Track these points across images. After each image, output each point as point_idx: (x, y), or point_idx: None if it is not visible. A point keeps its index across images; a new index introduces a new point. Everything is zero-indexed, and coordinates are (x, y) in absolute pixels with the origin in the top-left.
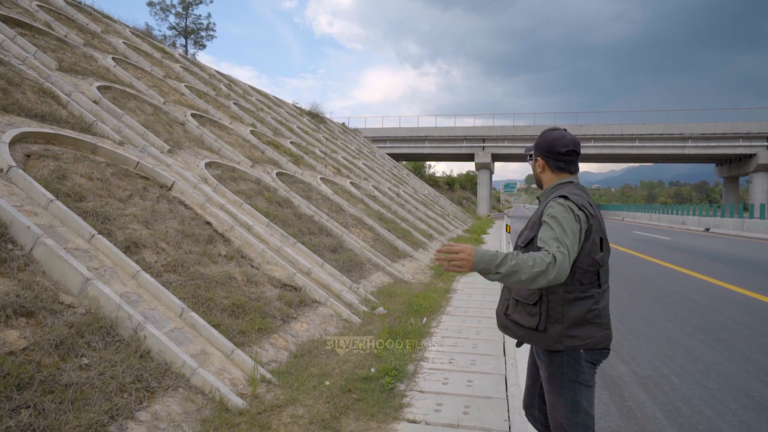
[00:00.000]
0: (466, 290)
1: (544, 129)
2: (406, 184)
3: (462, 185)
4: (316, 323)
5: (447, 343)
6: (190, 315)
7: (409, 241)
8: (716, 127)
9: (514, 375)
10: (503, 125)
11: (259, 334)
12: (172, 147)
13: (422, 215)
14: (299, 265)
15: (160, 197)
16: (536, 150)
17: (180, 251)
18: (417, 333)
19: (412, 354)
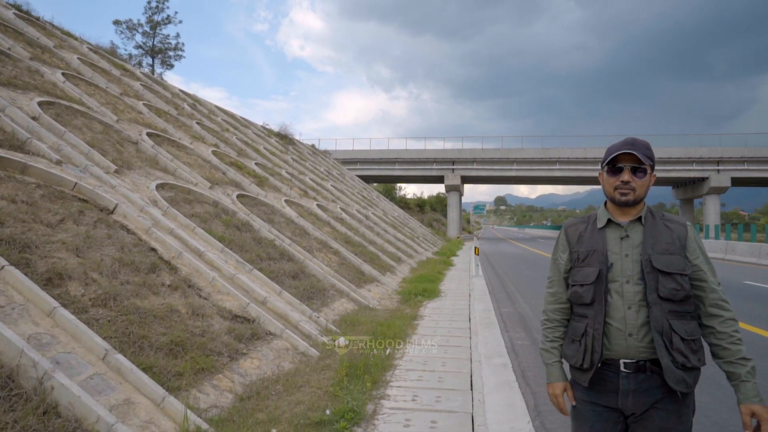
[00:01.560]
0: (433, 316)
1: (511, 150)
2: (375, 206)
3: (432, 207)
4: (269, 359)
5: (411, 377)
6: (115, 357)
7: (376, 265)
8: (672, 151)
9: (482, 413)
10: (472, 148)
11: (200, 375)
12: (120, 167)
13: (391, 238)
14: (254, 293)
15: (99, 222)
16: (654, 162)
17: (114, 282)
18: (379, 366)
19: (372, 391)
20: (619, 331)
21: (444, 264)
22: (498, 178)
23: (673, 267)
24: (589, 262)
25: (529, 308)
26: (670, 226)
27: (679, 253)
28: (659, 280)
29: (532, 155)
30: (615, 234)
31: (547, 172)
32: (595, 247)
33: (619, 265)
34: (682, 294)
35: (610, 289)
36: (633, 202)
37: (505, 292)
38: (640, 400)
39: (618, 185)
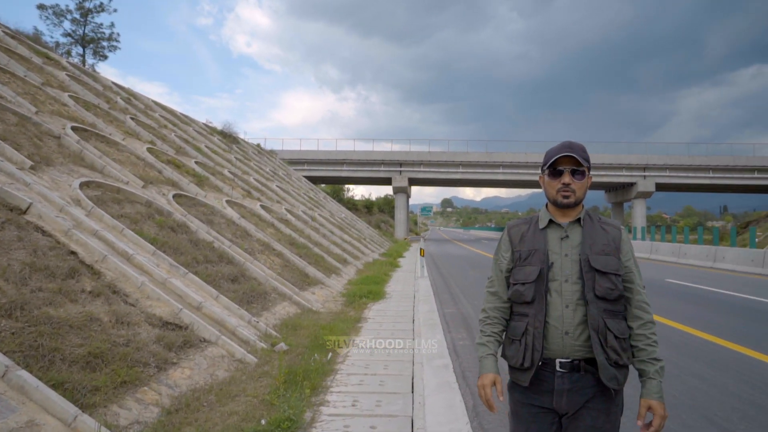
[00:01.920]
0: (377, 319)
1: (457, 153)
2: (322, 207)
3: (380, 208)
4: (203, 367)
5: (352, 381)
6: (17, 374)
7: (321, 267)
8: (604, 158)
9: (422, 416)
10: (420, 150)
11: (122, 389)
12: (38, 163)
13: (338, 239)
14: (188, 298)
15: (7, 222)
16: (590, 164)
17: (24, 290)
18: (320, 371)
19: (311, 398)
20: (556, 329)
21: (390, 265)
22: (444, 181)
23: (609, 267)
24: (531, 261)
25: (472, 309)
26: (605, 228)
27: (614, 255)
28: (596, 279)
29: (476, 159)
30: (555, 234)
31: (491, 176)
32: (537, 246)
33: (559, 265)
34: (616, 293)
35: (549, 288)
36: (574, 203)
37: (449, 292)
38: (573, 400)
39: (560, 188)
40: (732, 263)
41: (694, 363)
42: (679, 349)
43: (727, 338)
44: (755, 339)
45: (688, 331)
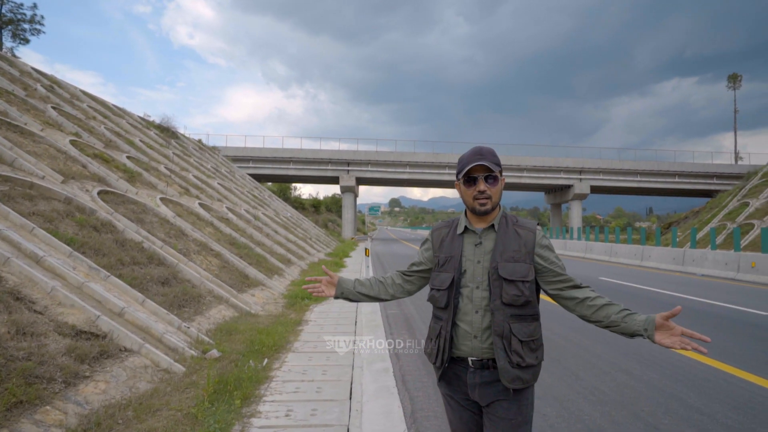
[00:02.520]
0: (319, 321)
1: (404, 153)
2: (267, 206)
3: (328, 208)
4: (121, 380)
5: (287, 389)
6: None
7: (262, 268)
8: (544, 161)
9: (358, 424)
10: (367, 150)
11: (16, 410)
12: None
13: (282, 239)
14: (109, 304)
15: None
16: (500, 165)
17: None
18: (254, 379)
19: (242, 408)
20: (467, 333)
21: (336, 265)
22: (392, 180)
23: (516, 275)
24: (446, 268)
25: (415, 309)
26: (519, 232)
27: (524, 261)
28: (503, 287)
29: (424, 159)
30: (470, 240)
31: (437, 176)
32: (453, 253)
33: (471, 272)
34: (522, 300)
35: (462, 294)
36: (492, 209)
37: None
38: (485, 393)
39: (476, 195)
40: (657, 261)
41: (623, 359)
42: (610, 346)
43: None
44: None
45: None
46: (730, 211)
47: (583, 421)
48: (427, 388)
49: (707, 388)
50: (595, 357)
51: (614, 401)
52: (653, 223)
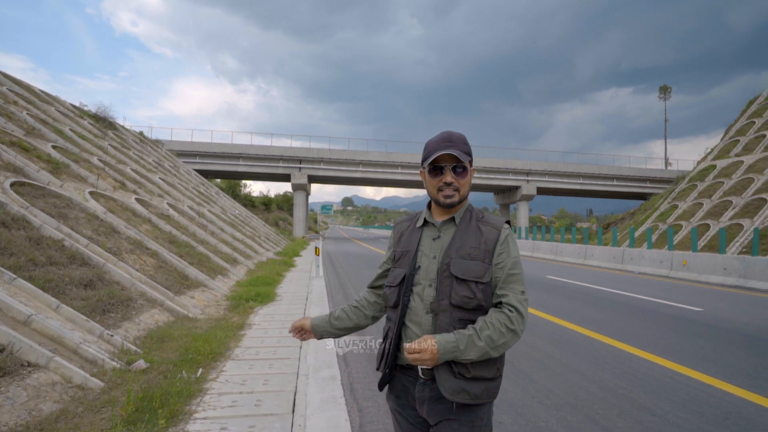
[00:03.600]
0: (263, 325)
1: (357, 152)
2: (213, 203)
3: (279, 206)
4: (19, 401)
5: (223, 402)
6: None
7: (205, 268)
8: (494, 162)
9: None
10: (320, 148)
11: None
12: None
13: (228, 237)
14: (11, 311)
15: None
16: (471, 157)
17: None
18: (184, 393)
19: (168, 429)
20: (416, 336)
21: (285, 265)
22: (345, 179)
23: (469, 274)
24: (401, 263)
25: None
26: (482, 228)
27: (482, 259)
28: (453, 286)
29: (377, 158)
30: (429, 234)
31: (390, 175)
32: (409, 248)
33: (425, 268)
34: (474, 303)
35: (413, 292)
36: (458, 202)
37: (344, 293)
38: (435, 409)
39: (441, 186)
40: (599, 260)
41: (575, 359)
42: (562, 345)
43: (603, 333)
44: (623, 331)
45: (569, 327)
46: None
47: (540, 429)
48: (377, 398)
49: (655, 386)
50: (548, 357)
51: (569, 405)
52: (593, 223)
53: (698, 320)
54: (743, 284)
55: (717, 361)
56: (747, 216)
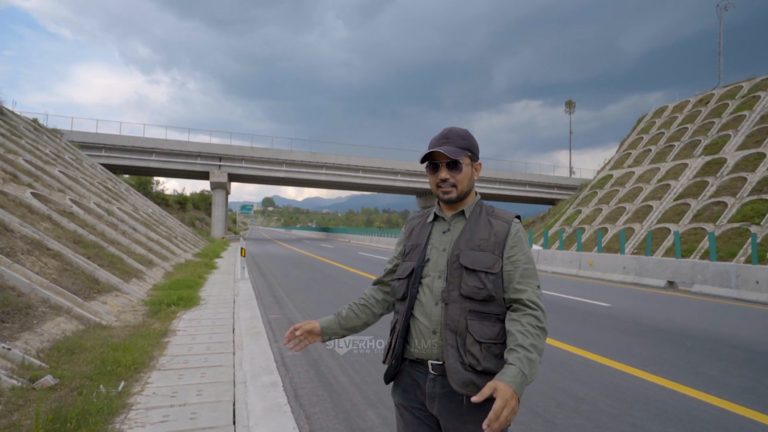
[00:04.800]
0: (189, 330)
1: (281, 151)
2: (124, 200)
3: (195, 205)
4: None
5: (152, 418)
6: None
7: (118, 270)
8: (417, 165)
9: None
10: (242, 145)
11: None
12: None
13: (142, 237)
14: None
15: None
16: (473, 151)
17: None
18: (105, 410)
19: None
20: (426, 328)
21: (206, 267)
22: (267, 179)
23: (479, 264)
24: (411, 256)
25: (299, 313)
26: (492, 221)
27: (492, 251)
28: (463, 277)
29: (301, 158)
30: (439, 228)
31: (314, 176)
32: (419, 241)
33: (435, 260)
34: (484, 294)
35: (422, 284)
36: (457, 198)
37: (273, 296)
38: (446, 407)
39: (438, 183)
40: None
41: None
42: None
43: None
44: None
45: None
46: (568, 216)
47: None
48: (324, 403)
49: (585, 377)
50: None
51: None
52: None
53: (608, 314)
54: (639, 281)
55: (628, 351)
56: (637, 221)
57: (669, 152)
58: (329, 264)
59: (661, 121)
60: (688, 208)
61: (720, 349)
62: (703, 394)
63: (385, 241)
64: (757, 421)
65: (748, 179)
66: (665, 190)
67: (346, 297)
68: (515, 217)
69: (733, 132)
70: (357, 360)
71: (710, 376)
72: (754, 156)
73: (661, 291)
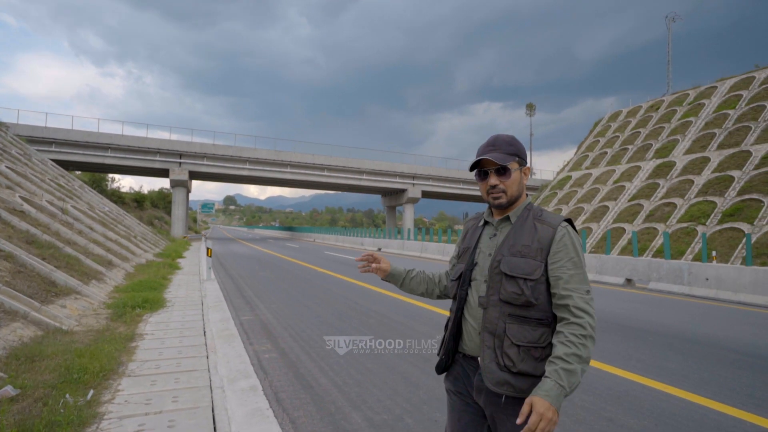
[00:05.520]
0: (158, 334)
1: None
2: (78, 198)
3: (154, 203)
4: None
5: (127, 428)
6: None
7: (76, 272)
8: (382, 165)
9: None
10: (203, 142)
11: None
12: None
13: (99, 237)
14: None
15: None
16: (520, 155)
17: None
18: (75, 421)
19: None
20: (473, 328)
21: (169, 267)
22: (230, 177)
23: (517, 270)
24: (462, 259)
25: (271, 314)
26: (538, 226)
27: (534, 257)
28: (502, 282)
29: (265, 156)
30: (488, 232)
31: (279, 174)
32: (470, 245)
33: (482, 264)
34: (522, 299)
35: (471, 287)
36: (507, 203)
37: (243, 297)
38: (491, 400)
39: (489, 189)
40: None
41: None
42: None
43: None
44: None
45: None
46: None
47: None
48: (307, 406)
49: None
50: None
51: None
52: None
53: None
54: (599, 279)
55: (596, 348)
56: (595, 221)
57: (623, 155)
58: (296, 264)
59: (616, 125)
60: (641, 208)
61: (679, 344)
62: (669, 387)
63: (351, 241)
64: (718, 411)
65: (694, 182)
66: (620, 191)
67: (317, 298)
68: (564, 221)
69: (681, 137)
70: (336, 362)
71: (673, 370)
72: (700, 160)
73: (621, 288)
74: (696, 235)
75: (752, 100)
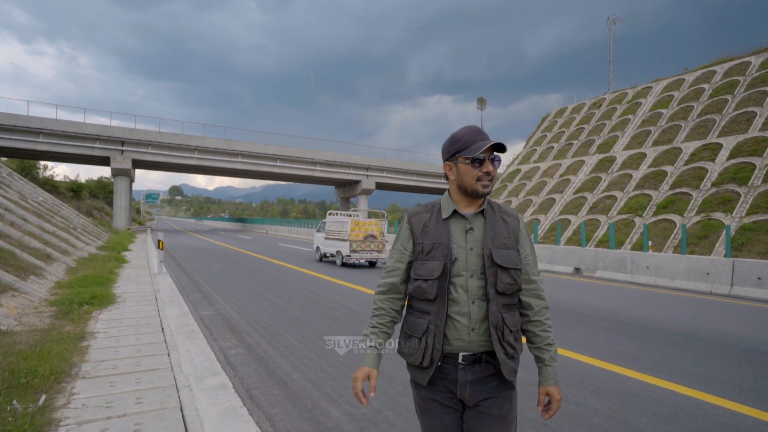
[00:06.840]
0: (110, 332)
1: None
2: (7, 186)
3: (93, 193)
4: None
5: None
6: None
7: (11, 267)
8: (336, 156)
9: None
10: (148, 130)
11: None
12: None
13: (35, 229)
14: None
15: None
16: None
17: None
18: (28, 430)
19: None
20: (464, 327)
21: (115, 260)
22: (177, 166)
23: (509, 262)
24: (434, 255)
25: (232, 308)
26: (506, 219)
27: (514, 248)
28: (498, 275)
29: (215, 145)
30: (459, 226)
31: (229, 164)
32: (440, 239)
33: (464, 259)
34: (514, 288)
35: (455, 284)
36: (490, 192)
37: (200, 291)
38: (477, 390)
39: (481, 176)
40: None
41: None
42: None
43: None
44: None
45: None
46: None
47: None
48: (283, 403)
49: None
50: None
51: None
52: None
53: None
54: (550, 268)
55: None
56: (542, 212)
57: (569, 149)
58: (251, 256)
59: (561, 121)
60: (585, 201)
61: (629, 329)
62: (626, 370)
63: (305, 232)
64: (673, 391)
65: (632, 176)
66: (566, 185)
67: (276, 290)
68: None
69: (620, 133)
70: (306, 356)
71: (627, 354)
72: (638, 155)
73: (570, 277)
74: (634, 226)
75: (682, 100)
